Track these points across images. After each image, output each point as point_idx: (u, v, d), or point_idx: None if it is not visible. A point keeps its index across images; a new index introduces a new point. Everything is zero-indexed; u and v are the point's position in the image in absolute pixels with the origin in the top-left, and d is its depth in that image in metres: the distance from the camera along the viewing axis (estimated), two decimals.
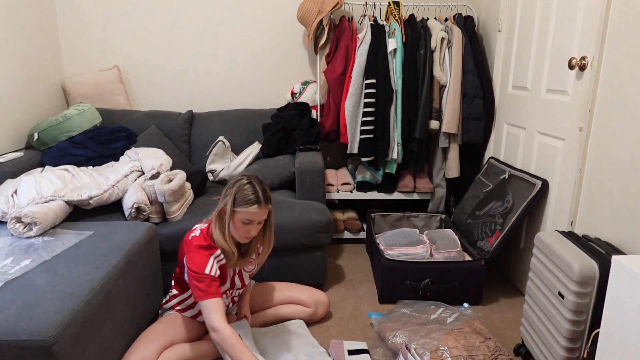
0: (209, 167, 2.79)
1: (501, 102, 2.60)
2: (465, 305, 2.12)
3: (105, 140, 2.59)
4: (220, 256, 1.65)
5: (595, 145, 1.77)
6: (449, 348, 1.66)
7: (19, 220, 1.77)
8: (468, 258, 2.29)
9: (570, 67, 1.86)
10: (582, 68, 1.83)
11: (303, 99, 2.97)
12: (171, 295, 1.84)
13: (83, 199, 2.01)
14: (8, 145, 2.50)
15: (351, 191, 2.88)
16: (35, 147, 2.56)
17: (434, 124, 2.71)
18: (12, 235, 1.78)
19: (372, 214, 2.81)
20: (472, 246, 2.36)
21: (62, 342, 1.23)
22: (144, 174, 2.27)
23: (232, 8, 3.04)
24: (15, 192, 1.95)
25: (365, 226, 2.92)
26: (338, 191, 2.88)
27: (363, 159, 2.74)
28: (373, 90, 2.66)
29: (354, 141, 2.74)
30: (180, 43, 3.07)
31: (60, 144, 2.48)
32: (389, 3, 2.78)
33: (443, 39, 2.65)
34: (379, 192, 2.89)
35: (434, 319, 1.89)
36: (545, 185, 2.08)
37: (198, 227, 1.69)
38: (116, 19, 3.01)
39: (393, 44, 2.64)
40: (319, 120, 2.92)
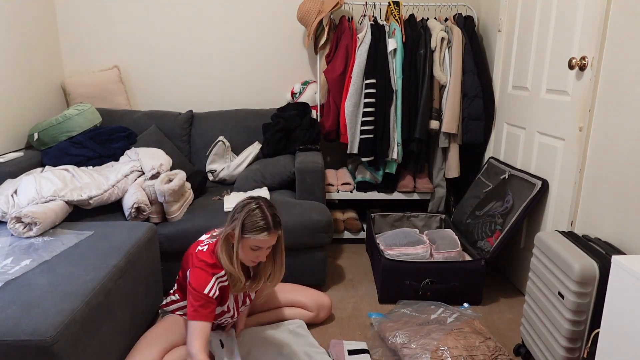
0: (209, 167, 2.79)
1: (501, 102, 2.60)
2: (465, 305, 2.12)
3: (105, 140, 2.59)
4: (223, 277, 1.60)
5: (595, 145, 1.77)
6: (449, 348, 1.66)
7: (19, 220, 1.77)
8: (468, 258, 2.29)
9: (570, 67, 1.86)
10: (582, 68, 1.83)
11: (303, 99, 2.96)
12: (172, 299, 1.82)
13: (83, 199, 2.01)
14: (8, 145, 2.50)
15: (351, 191, 2.88)
16: (35, 147, 2.56)
17: (434, 124, 2.71)
18: (12, 235, 1.78)
19: (372, 214, 2.81)
20: (472, 246, 2.36)
21: (62, 342, 1.23)
22: (144, 174, 2.27)
23: (232, 8, 3.04)
24: (15, 192, 1.95)
25: (365, 226, 2.92)
26: (338, 191, 2.88)
27: (363, 159, 2.74)
28: (373, 90, 2.66)
29: (354, 141, 2.74)
30: (180, 43, 3.07)
31: (60, 144, 2.48)
32: (389, 3, 2.78)
33: (443, 39, 2.65)
34: (379, 192, 2.89)
35: (434, 319, 1.89)
36: (545, 185, 2.08)
37: (206, 241, 1.63)
38: (116, 19, 3.01)
39: (393, 44, 2.64)
40: (319, 120, 2.92)
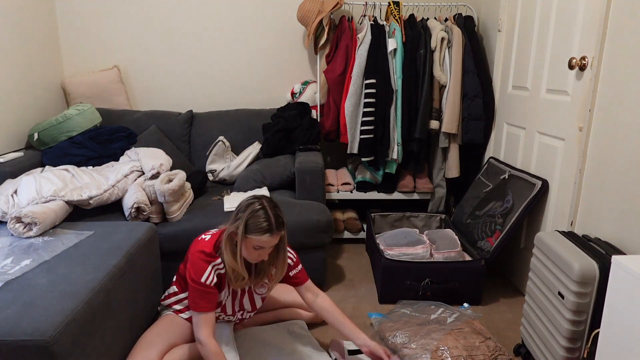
0: (209, 167, 2.79)
1: (501, 102, 2.60)
2: (465, 305, 2.12)
3: (105, 140, 2.59)
4: (220, 265, 1.62)
5: (595, 145, 1.77)
6: (449, 348, 1.66)
7: (19, 220, 1.77)
8: (468, 258, 2.29)
9: (570, 67, 1.86)
10: (582, 68, 1.83)
11: (303, 99, 2.96)
12: (171, 292, 1.83)
13: (83, 199, 2.01)
14: (8, 145, 2.50)
15: (351, 191, 2.88)
16: (35, 147, 2.56)
17: (434, 124, 2.71)
18: (12, 235, 1.78)
19: (372, 214, 2.81)
20: (472, 246, 2.36)
21: (62, 342, 1.23)
22: (144, 174, 2.27)
23: (232, 8, 3.04)
24: (15, 192, 1.95)
25: (365, 226, 2.92)
26: (338, 191, 2.88)
27: (363, 159, 2.74)
28: (373, 90, 2.66)
29: (354, 141, 2.74)
30: (180, 43, 3.07)
31: (60, 144, 2.48)
32: (389, 3, 2.78)
33: (443, 39, 2.65)
34: (379, 192, 2.88)
35: (434, 319, 1.89)
36: (545, 185, 2.08)
37: (211, 232, 1.67)
38: (116, 19, 3.01)
39: (393, 44, 2.64)
40: (319, 120, 2.92)
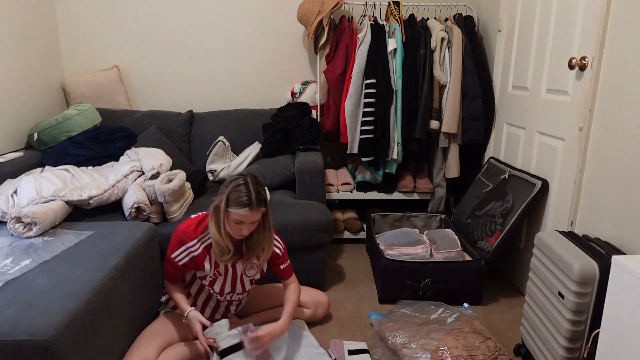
0: (209, 167, 2.79)
1: (501, 102, 2.60)
2: (465, 305, 2.12)
3: (105, 140, 2.58)
4: (192, 247, 1.69)
5: (595, 145, 1.77)
6: (449, 348, 1.66)
7: (19, 220, 1.77)
8: (468, 258, 2.29)
9: (570, 67, 1.86)
10: (582, 68, 1.83)
11: (303, 99, 2.96)
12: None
13: (83, 199, 2.01)
14: (8, 145, 2.50)
15: (351, 191, 2.88)
16: (35, 147, 2.56)
17: (434, 124, 2.71)
18: (12, 235, 1.78)
19: (372, 214, 2.81)
20: (472, 246, 2.36)
21: (62, 342, 1.23)
22: (144, 174, 2.27)
23: (232, 8, 3.04)
24: (15, 192, 1.95)
25: (365, 226, 2.92)
26: (338, 191, 2.88)
27: (363, 159, 2.74)
28: (373, 90, 2.66)
29: (354, 141, 2.74)
30: (180, 43, 3.07)
31: (60, 144, 2.48)
32: (389, 3, 2.78)
33: (443, 39, 2.65)
34: (379, 192, 2.88)
35: (434, 319, 1.89)
36: (545, 185, 2.08)
37: (204, 212, 1.76)
38: (116, 19, 3.00)
39: (393, 43, 2.64)
40: (319, 120, 2.92)
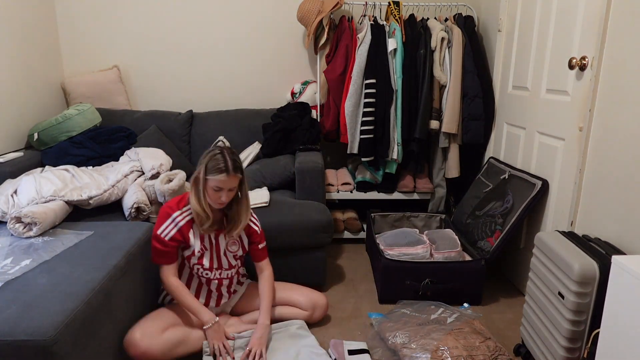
0: None
1: (501, 102, 2.60)
2: (465, 305, 2.12)
3: (105, 140, 2.58)
4: (178, 218, 1.75)
5: (595, 145, 1.77)
6: (449, 348, 1.66)
7: (19, 220, 1.77)
8: (468, 258, 2.29)
9: (570, 67, 1.86)
10: (582, 68, 1.83)
11: (303, 99, 2.96)
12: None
13: (83, 199, 2.01)
14: (8, 145, 2.50)
15: (351, 191, 2.88)
16: (35, 147, 2.56)
17: (434, 124, 2.71)
18: (12, 235, 1.78)
19: (372, 214, 2.81)
20: (472, 246, 2.36)
21: (62, 342, 1.23)
22: (144, 174, 2.27)
23: (232, 8, 3.04)
24: (15, 192, 1.95)
25: (365, 226, 2.92)
26: (338, 191, 2.88)
27: (363, 159, 2.74)
28: (373, 90, 2.66)
29: (354, 141, 2.74)
30: (180, 43, 3.07)
31: (60, 144, 2.48)
32: (389, 3, 2.78)
33: (443, 39, 2.65)
34: (379, 192, 2.88)
35: (434, 319, 1.89)
36: (545, 185, 2.08)
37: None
38: (116, 19, 3.00)
39: (393, 43, 2.64)
40: (319, 120, 2.92)
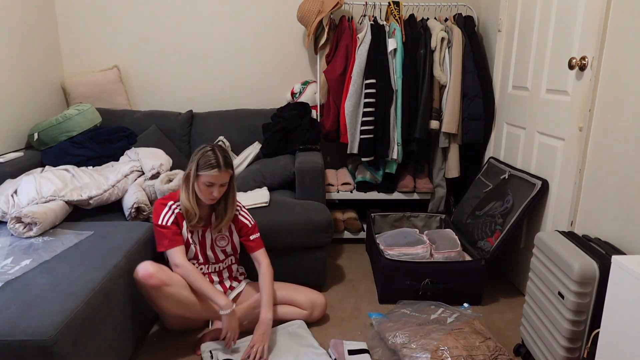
0: None
1: (501, 102, 2.60)
2: (465, 305, 2.12)
3: (105, 140, 2.59)
4: (173, 206, 1.81)
5: (595, 145, 1.77)
6: (449, 348, 1.66)
7: (19, 220, 1.77)
8: (468, 258, 2.29)
9: (570, 67, 1.86)
10: (582, 68, 1.83)
11: (303, 99, 2.96)
12: None
13: (83, 199, 2.01)
14: (8, 145, 2.50)
15: (351, 191, 2.88)
16: (35, 147, 2.56)
17: (434, 124, 2.71)
18: (12, 235, 1.78)
19: (372, 214, 2.81)
20: (472, 246, 2.36)
21: (62, 342, 1.23)
22: (144, 174, 2.27)
23: (232, 8, 3.04)
24: (15, 192, 1.95)
25: (365, 226, 2.92)
26: (338, 191, 2.88)
27: (363, 159, 2.74)
28: (373, 90, 2.66)
29: (354, 141, 2.74)
30: (180, 43, 3.07)
31: (60, 144, 2.48)
32: (389, 3, 2.78)
33: (443, 39, 2.65)
34: (379, 192, 2.88)
35: (434, 319, 1.89)
36: (545, 185, 2.08)
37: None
38: (116, 19, 3.01)
39: (393, 43, 2.64)
40: (319, 120, 2.92)
